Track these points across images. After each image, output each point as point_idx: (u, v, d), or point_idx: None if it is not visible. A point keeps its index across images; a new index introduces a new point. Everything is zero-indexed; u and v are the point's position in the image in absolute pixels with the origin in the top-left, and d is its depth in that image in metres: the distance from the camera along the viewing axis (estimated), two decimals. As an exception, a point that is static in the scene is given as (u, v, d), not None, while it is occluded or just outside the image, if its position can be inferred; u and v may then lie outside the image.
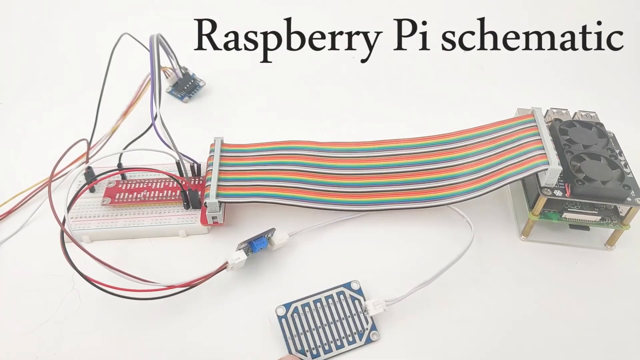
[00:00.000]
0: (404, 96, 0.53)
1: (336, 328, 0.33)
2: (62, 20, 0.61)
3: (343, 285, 0.34)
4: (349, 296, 0.34)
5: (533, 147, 0.38)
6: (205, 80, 0.52)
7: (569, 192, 0.36)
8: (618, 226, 0.37)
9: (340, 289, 0.34)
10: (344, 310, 0.33)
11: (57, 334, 0.33)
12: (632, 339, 0.33)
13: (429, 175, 0.40)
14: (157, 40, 0.38)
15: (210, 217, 0.37)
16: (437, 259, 0.35)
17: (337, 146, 0.42)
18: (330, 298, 0.34)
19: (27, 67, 0.56)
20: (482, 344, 0.33)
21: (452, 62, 0.57)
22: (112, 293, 0.32)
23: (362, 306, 0.33)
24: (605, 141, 0.38)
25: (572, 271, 0.37)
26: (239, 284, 0.36)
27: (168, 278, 0.34)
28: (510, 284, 0.36)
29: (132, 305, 0.33)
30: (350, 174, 0.40)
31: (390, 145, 0.42)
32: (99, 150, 0.44)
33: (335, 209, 0.38)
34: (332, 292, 0.34)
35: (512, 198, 0.42)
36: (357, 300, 0.34)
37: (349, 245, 0.38)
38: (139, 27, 0.46)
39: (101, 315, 0.34)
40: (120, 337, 0.33)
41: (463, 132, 0.42)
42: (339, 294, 0.34)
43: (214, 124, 0.49)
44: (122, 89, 0.45)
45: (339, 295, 0.34)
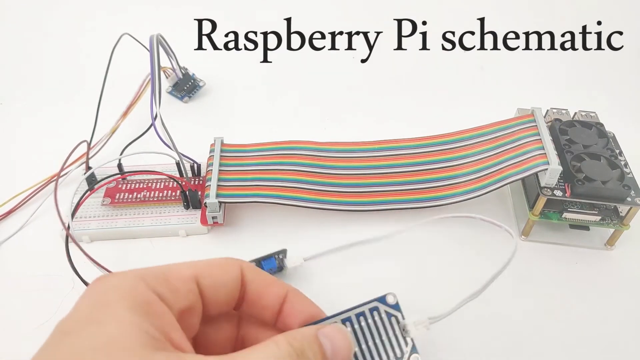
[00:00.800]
0: (404, 96, 0.53)
1: (370, 353, 0.26)
2: (62, 20, 0.61)
3: (377, 300, 0.28)
4: (385, 312, 0.27)
5: (533, 147, 0.38)
6: (205, 80, 0.52)
7: (569, 192, 0.36)
8: (618, 226, 0.37)
9: (374, 304, 0.27)
10: (379, 330, 0.27)
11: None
12: (632, 338, 0.33)
13: (429, 175, 0.40)
14: (157, 41, 0.38)
15: (210, 217, 0.37)
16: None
17: (337, 146, 0.42)
18: (361, 316, 0.27)
19: (27, 67, 0.56)
20: (481, 344, 0.33)
21: (452, 62, 0.57)
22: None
23: (400, 325, 0.27)
24: (605, 141, 0.38)
25: (572, 271, 0.37)
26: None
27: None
28: (510, 284, 0.36)
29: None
30: (350, 174, 0.40)
31: (390, 145, 0.42)
32: (99, 151, 0.44)
33: (335, 209, 0.38)
34: (364, 309, 0.27)
35: (512, 198, 0.42)
36: (394, 317, 0.28)
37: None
38: (139, 27, 0.46)
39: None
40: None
41: (463, 132, 0.42)
42: (372, 311, 0.27)
43: (214, 124, 0.49)
44: (122, 89, 0.45)
45: (372, 312, 0.27)
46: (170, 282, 0.21)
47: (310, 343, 0.21)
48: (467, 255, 0.38)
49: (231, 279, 0.23)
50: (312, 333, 0.22)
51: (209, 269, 0.23)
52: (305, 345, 0.21)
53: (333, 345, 0.22)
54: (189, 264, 0.23)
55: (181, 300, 0.21)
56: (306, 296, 0.26)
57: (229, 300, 0.24)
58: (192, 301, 0.22)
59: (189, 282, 0.22)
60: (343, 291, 0.34)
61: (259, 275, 0.24)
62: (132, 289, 0.20)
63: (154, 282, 0.20)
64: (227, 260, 0.24)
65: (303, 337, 0.21)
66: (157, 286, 0.20)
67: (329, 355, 0.22)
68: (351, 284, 0.35)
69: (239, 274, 0.24)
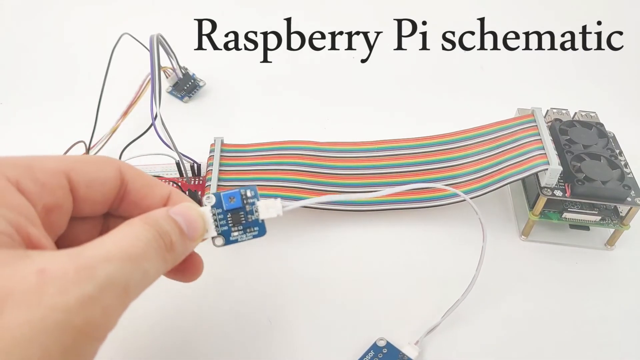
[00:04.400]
0: (404, 96, 0.53)
1: None
2: (61, 20, 0.60)
3: (371, 349, 0.31)
4: (383, 355, 0.31)
5: (533, 147, 0.38)
6: (205, 80, 0.52)
7: (569, 192, 0.36)
8: (618, 226, 0.37)
9: (370, 354, 0.31)
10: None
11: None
12: (632, 338, 0.33)
13: (429, 175, 0.40)
14: (157, 40, 0.38)
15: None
16: (445, 263, 0.35)
17: (337, 146, 0.42)
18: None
19: (27, 67, 0.56)
20: (481, 345, 0.33)
21: (452, 62, 0.57)
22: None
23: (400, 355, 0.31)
24: (605, 141, 0.38)
25: (572, 271, 0.37)
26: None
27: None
28: (510, 284, 0.36)
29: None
30: (350, 174, 0.40)
31: (391, 145, 0.42)
32: (99, 150, 0.44)
33: (335, 209, 0.38)
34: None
35: (512, 198, 0.42)
36: (391, 352, 0.31)
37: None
38: (139, 26, 0.46)
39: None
40: (118, 338, 0.33)
41: (463, 132, 0.42)
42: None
43: (214, 124, 0.49)
44: (122, 89, 0.45)
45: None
46: (35, 173, 0.20)
47: (165, 219, 0.21)
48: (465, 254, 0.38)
49: (108, 178, 0.22)
50: (163, 212, 0.22)
51: (82, 165, 0.22)
52: (161, 221, 0.21)
53: (185, 219, 0.22)
54: (58, 157, 0.21)
55: (47, 196, 0.20)
56: (189, 197, 0.26)
57: (105, 200, 0.23)
58: (59, 197, 0.20)
59: (58, 176, 0.20)
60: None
61: (141, 176, 0.24)
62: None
63: (13, 172, 0.19)
64: (104, 158, 0.23)
65: (157, 215, 0.21)
66: (16, 176, 0.19)
67: (184, 227, 0.22)
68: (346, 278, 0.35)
69: (116, 173, 0.23)
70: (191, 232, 0.22)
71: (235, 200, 0.24)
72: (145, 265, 0.19)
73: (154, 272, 0.20)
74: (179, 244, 0.21)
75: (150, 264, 0.19)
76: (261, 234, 0.25)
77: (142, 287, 0.19)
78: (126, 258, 0.18)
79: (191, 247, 0.23)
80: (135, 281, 0.18)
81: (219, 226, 0.24)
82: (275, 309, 0.34)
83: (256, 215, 0.25)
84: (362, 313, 0.34)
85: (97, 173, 0.22)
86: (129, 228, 0.20)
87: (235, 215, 0.24)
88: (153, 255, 0.20)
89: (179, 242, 0.21)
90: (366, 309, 0.34)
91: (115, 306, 0.18)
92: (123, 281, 0.18)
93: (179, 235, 0.21)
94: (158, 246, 0.20)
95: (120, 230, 0.19)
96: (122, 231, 0.19)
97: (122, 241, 0.19)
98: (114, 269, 0.18)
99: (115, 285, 0.17)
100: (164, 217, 0.21)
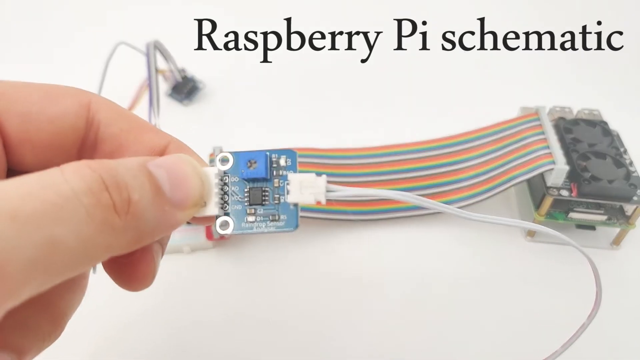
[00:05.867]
0: (404, 97, 0.53)
1: None
2: (61, 19, 0.60)
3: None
4: None
5: (539, 147, 0.37)
6: (205, 81, 0.52)
7: (575, 192, 0.35)
8: (624, 225, 0.37)
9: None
10: None
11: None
12: (638, 338, 0.33)
13: (433, 180, 0.39)
14: (154, 48, 0.38)
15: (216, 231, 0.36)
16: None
17: (339, 152, 0.41)
18: None
19: (27, 69, 0.55)
20: (486, 345, 0.33)
21: (452, 62, 0.57)
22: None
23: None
24: (609, 139, 0.38)
25: (578, 271, 0.37)
26: None
27: (174, 293, 0.33)
28: (515, 285, 0.36)
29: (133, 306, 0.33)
30: (354, 182, 0.39)
31: (393, 151, 0.41)
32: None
33: (340, 219, 0.38)
34: None
35: (517, 198, 0.42)
36: None
37: None
38: (138, 26, 0.46)
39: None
40: (119, 339, 0.32)
41: (466, 134, 0.42)
42: None
43: (213, 126, 0.48)
44: (119, 94, 0.44)
45: None
46: None
47: (131, 168, 0.14)
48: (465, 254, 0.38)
49: (62, 113, 0.16)
50: (137, 161, 0.15)
51: (16, 91, 0.15)
52: (120, 169, 0.14)
53: (172, 174, 0.15)
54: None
55: None
56: (194, 151, 0.18)
57: (59, 146, 0.16)
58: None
59: None
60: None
61: (123, 117, 0.17)
62: None
63: None
64: (65, 88, 0.17)
65: (120, 164, 0.14)
66: None
67: (167, 187, 0.15)
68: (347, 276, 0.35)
69: (78, 108, 0.16)
70: (177, 193, 0.15)
71: (258, 165, 0.16)
72: (52, 231, 0.12)
73: (75, 243, 0.12)
74: (148, 208, 0.14)
75: (64, 230, 0.12)
76: (290, 227, 0.17)
77: (43, 267, 0.12)
78: (7, 217, 0.11)
79: (175, 218, 0.15)
80: (22, 257, 0.11)
81: (229, 203, 0.17)
82: (279, 311, 0.33)
83: (286, 197, 0.17)
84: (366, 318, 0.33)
85: (41, 103, 0.16)
86: (57, 171, 0.13)
87: (256, 191, 0.16)
88: (74, 217, 0.12)
89: (147, 205, 0.14)
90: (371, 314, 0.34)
91: None
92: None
93: (150, 195, 0.14)
94: (91, 204, 0.13)
95: (42, 174, 0.13)
96: (43, 175, 0.13)
97: (23, 188, 0.12)
98: None
99: None
100: (129, 166, 0.14)
